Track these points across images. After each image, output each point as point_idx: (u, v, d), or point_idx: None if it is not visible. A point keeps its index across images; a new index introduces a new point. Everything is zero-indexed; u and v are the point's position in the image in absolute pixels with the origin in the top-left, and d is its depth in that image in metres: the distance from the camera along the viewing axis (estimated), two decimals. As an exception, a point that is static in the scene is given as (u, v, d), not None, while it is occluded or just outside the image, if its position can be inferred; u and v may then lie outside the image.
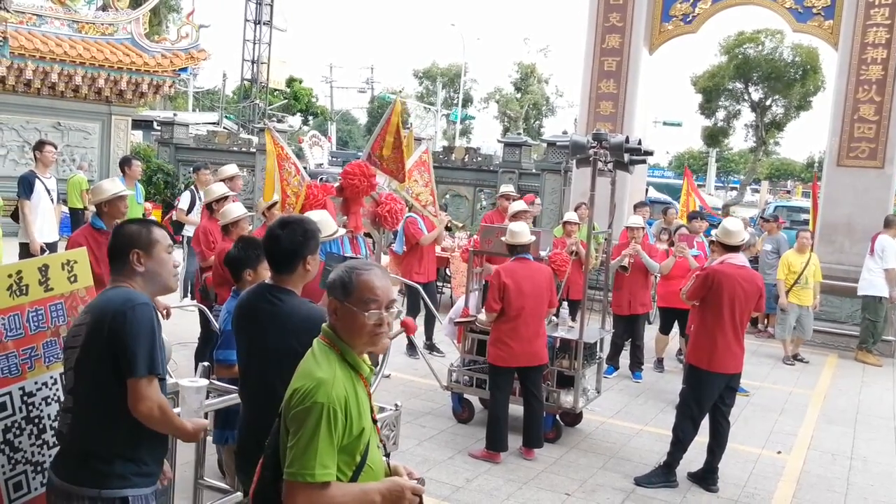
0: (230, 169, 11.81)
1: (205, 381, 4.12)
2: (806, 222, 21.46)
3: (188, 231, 12.79)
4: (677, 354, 12.98)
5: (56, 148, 12.10)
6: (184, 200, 13.39)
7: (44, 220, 11.34)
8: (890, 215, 14.70)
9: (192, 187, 13.56)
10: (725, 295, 7.67)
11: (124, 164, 12.73)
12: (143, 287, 3.91)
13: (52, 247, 11.28)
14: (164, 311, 8.17)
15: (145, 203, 15.20)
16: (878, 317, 14.17)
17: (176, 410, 4.28)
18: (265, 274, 5.83)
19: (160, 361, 3.72)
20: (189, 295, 12.44)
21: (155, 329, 3.73)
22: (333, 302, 3.38)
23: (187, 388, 4.01)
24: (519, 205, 11.45)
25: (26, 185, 11.14)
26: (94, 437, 3.71)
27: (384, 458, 3.52)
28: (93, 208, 8.20)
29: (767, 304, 15.16)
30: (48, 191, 11.38)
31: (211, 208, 9.65)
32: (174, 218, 13.73)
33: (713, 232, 8.47)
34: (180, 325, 11.22)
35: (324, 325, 3.45)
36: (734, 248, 7.95)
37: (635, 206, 14.47)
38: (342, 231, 7.38)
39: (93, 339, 3.73)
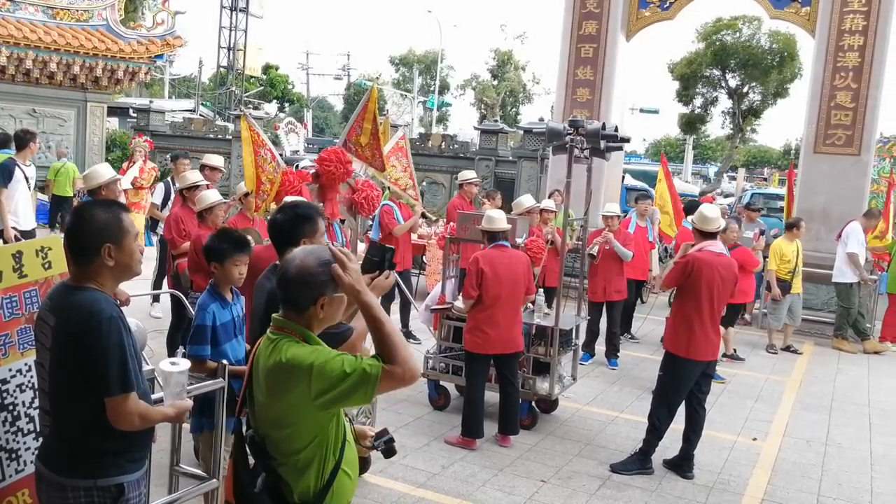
0: (216, 159, 11.67)
1: (186, 363, 4.08)
2: (782, 209, 21.56)
3: (162, 229, 11.64)
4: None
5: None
6: (157, 194, 12.62)
7: (21, 207, 11.18)
8: (873, 209, 14.84)
9: (168, 179, 12.89)
10: (704, 282, 7.67)
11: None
12: (111, 280, 3.78)
13: (28, 234, 11.08)
14: (125, 299, 8.07)
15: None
16: (851, 303, 14.24)
17: (158, 396, 4.25)
18: (232, 270, 5.81)
19: (133, 374, 3.63)
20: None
21: (124, 343, 3.61)
22: (322, 300, 3.46)
23: (169, 372, 3.96)
24: (531, 203, 11.96)
25: (5, 173, 10.97)
26: (79, 437, 3.66)
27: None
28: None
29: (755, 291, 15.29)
30: (27, 178, 11.22)
31: (184, 196, 9.62)
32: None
33: (689, 218, 8.49)
34: (156, 311, 11.20)
35: (284, 320, 3.52)
36: (711, 235, 7.96)
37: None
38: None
39: (61, 350, 3.64)
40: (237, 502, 3.64)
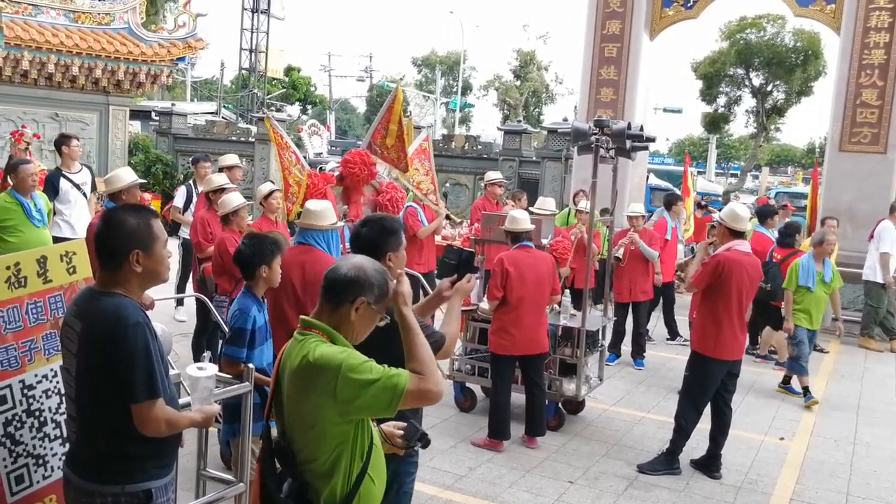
0: (230, 158, 11.62)
1: (214, 367, 4.07)
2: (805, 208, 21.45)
3: (184, 232, 11.90)
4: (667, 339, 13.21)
5: (79, 140, 11.60)
6: (179, 197, 12.39)
7: (76, 216, 10.89)
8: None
9: (190, 182, 12.67)
10: (734, 282, 7.64)
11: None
12: (138, 286, 3.74)
13: None
14: (150, 304, 8.01)
15: (144, 194, 13.82)
16: (880, 303, 14.15)
17: (185, 400, 4.23)
18: (278, 270, 5.82)
19: (159, 381, 3.60)
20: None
21: (150, 349, 3.57)
22: (360, 301, 3.47)
23: (196, 377, 3.95)
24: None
25: (49, 188, 10.58)
26: (106, 443, 3.64)
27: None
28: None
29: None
30: (78, 185, 10.91)
31: (209, 199, 9.58)
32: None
33: (716, 216, 8.43)
34: (181, 315, 11.20)
35: (312, 320, 3.54)
36: (740, 234, 7.90)
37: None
38: (340, 223, 7.30)
39: (87, 356, 3.62)
40: None
